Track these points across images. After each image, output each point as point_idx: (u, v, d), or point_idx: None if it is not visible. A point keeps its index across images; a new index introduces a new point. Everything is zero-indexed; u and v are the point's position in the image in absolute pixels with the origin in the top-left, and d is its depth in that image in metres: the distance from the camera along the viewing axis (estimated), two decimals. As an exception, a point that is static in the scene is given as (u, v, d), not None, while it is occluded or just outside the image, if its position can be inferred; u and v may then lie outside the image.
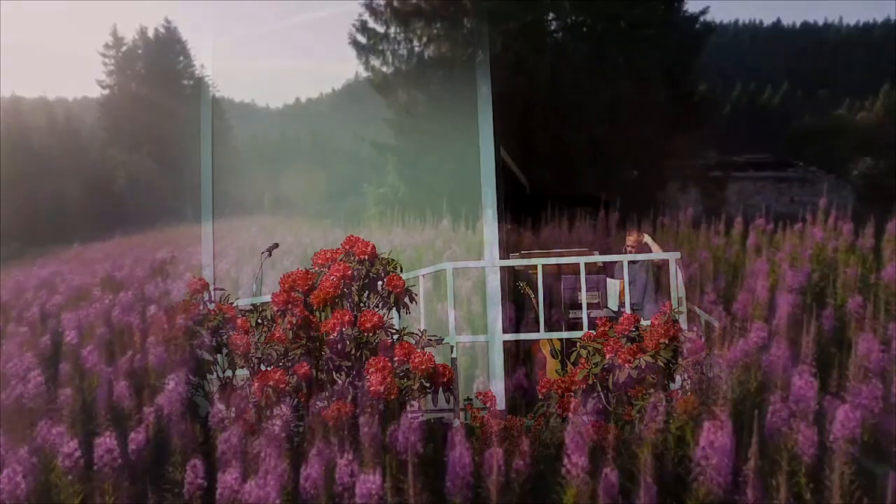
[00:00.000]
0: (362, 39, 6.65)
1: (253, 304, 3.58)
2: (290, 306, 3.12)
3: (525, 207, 6.84)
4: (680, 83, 8.14)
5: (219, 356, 3.32)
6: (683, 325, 3.83)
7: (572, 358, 3.32)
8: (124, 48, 7.53)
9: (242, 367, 3.20)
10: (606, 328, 3.23)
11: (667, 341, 3.08)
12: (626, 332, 3.18)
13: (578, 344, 3.27)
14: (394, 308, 3.40)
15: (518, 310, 5.15)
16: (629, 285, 4.80)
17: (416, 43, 6.45)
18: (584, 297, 4.33)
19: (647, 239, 5.40)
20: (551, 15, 7.43)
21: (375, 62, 6.67)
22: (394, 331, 3.27)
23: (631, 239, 5.42)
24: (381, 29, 6.57)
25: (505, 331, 4.64)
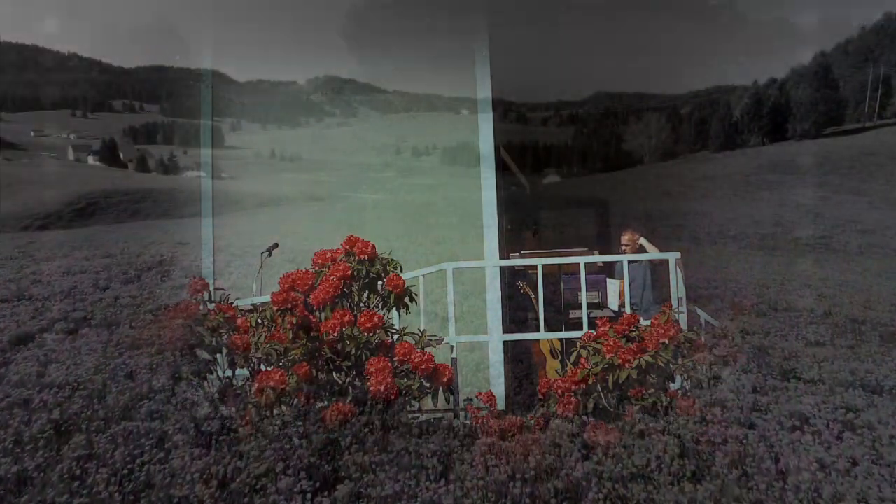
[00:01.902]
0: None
1: (253, 304, 3.57)
2: (290, 306, 3.11)
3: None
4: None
5: (218, 356, 3.30)
6: (683, 325, 3.84)
7: (572, 358, 3.31)
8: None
9: (243, 367, 3.19)
10: (606, 328, 3.23)
11: (667, 341, 3.09)
12: (626, 332, 3.18)
13: (578, 344, 3.27)
14: (394, 308, 3.40)
15: (518, 310, 5.13)
16: (629, 285, 4.78)
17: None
18: (584, 297, 4.32)
19: (642, 241, 5.37)
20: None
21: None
22: (394, 331, 3.27)
23: (625, 237, 5.39)
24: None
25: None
